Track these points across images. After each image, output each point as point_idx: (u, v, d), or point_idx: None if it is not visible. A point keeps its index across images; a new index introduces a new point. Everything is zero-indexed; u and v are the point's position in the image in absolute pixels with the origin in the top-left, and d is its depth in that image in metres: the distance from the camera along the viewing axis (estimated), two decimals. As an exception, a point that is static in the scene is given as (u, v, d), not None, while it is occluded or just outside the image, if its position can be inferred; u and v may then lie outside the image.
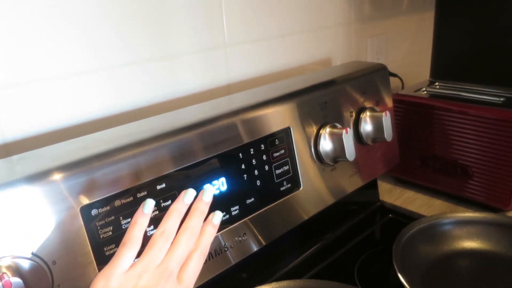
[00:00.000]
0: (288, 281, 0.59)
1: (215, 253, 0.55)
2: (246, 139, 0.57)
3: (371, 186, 0.89)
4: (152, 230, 0.49)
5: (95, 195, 0.44)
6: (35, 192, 0.41)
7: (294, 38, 0.84)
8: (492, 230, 0.71)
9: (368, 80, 0.75)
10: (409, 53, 1.11)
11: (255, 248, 0.59)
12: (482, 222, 0.72)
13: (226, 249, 0.56)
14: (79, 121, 0.59)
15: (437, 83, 0.94)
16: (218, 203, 0.54)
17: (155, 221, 0.49)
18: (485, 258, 0.69)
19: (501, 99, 0.81)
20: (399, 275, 0.59)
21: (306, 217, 0.65)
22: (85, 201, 0.43)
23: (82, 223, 0.43)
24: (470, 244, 0.71)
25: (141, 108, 0.65)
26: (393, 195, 0.91)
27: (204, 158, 0.53)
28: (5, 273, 0.36)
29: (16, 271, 0.38)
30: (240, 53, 0.75)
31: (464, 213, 0.73)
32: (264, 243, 0.60)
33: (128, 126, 0.55)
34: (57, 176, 0.42)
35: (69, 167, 0.43)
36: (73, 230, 0.43)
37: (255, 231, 0.59)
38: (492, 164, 0.78)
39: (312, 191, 0.66)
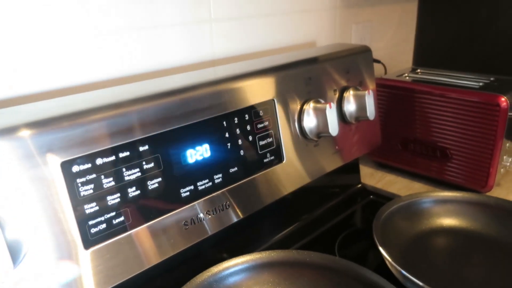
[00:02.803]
0: (269, 251, 0.59)
1: (192, 221, 0.54)
2: (230, 108, 0.57)
3: (353, 170, 0.90)
4: (134, 191, 0.48)
5: (77, 151, 0.44)
6: (18, 142, 0.40)
7: (280, 19, 0.84)
8: (470, 209, 0.72)
9: (352, 60, 0.76)
10: (392, 41, 1.13)
11: (234, 219, 0.59)
12: (460, 201, 0.73)
13: (203, 219, 0.55)
14: (60, 86, 0.58)
15: (419, 70, 0.96)
16: (201, 170, 0.54)
17: (137, 183, 0.48)
18: (462, 235, 0.70)
19: (480, 84, 0.83)
20: (380, 248, 0.60)
21: (287, 192, 0.66)
22: (66, 156, 0.43)
23: (62, 178, 0.42)
24: (449, 221, 0.72)
25: (120, 79, 0.64)
26: (374, 178, 0.92)
27: (188, 123, 0.53)
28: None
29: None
30: (225, 29, 0.75)
31: (443, 192, 0.75)
32: (243, 216, 0.60)
33: (114, 88, 0.54)
34: (42, 129, 0.41)
35: (47, 123, 0.42)
36: (53, 185, 0.42)
37: (236, 201, 0.59)
38: (470, 146, 0.80)
39: (295, 165, 0.66)
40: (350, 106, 0.73)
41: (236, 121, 0.58)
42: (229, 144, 0.57)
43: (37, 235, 0.41)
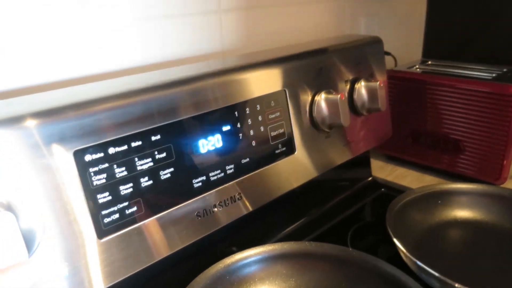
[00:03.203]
0: (282, 243, 0.58)
1: (204, 213, 0.54)
2: (241, 99, 0.57)
3: (364, 163, 0.89)
4: (147, 181, 0.48)
5: (89, 141, 0.43)
6: (30, 131, 0.40)
7: (289, 10, 0.83)
8: (484, 201, 0.71)
9: (364, 51, 0.75)
10: (402, 33, 1.12)
11: (245, 211, 0.59)
12: (473, 193, 0.72)
13: (215, 210, 0.55)
14: (69, 77, 0.58)
15: (429, 62, 0.94)
16: (214, 160, 0.54)
17: (149, 173, 0.48)
18: (476, 227, 0.69)
19: (493, 75, 0.82)
20: (394, 240, 0.59)
21: (297, 184, 0.65)
22: (79, 145, 0.42)
23: (75, 167, 0.42)
24: (462, 213, 0.71)
25: (128, 69, 0.64)
26: (385, 171, 0.91)
27: (199, 113, 0.52)
28: (-4, 207, 0.35)
29: (7, 208, 0.37)
30: (234, 20, 0.75)
31: (456, 184, 0.74)
32: (254, 208, 0.59)
33: (126, 78, 0.54)
34: (55, 117, 0.41)
35: (59, 112, 0.42)
36: (66, 175, 0.42)
37: (247, 193, 0.58)
38: (483, 138, 0.79)
39: (306, 157, 0.66)
40: (361, 97, 0.72)
41: (247, 112, 0.57)
42: (240, 134, 0.57)
43: (51, 225, 0.41)
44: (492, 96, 0.76)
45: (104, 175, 0.44)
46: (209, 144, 0.53)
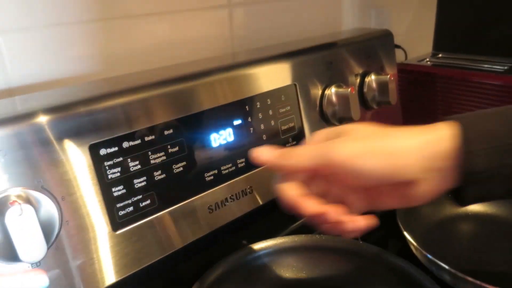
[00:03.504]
0: (293, 236, 0.59)
1: (216, 206, 0.55)
2: (252, 93, 0.57)
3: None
4: (160, 175, 0.48)
5: (103, 135, 0.44)
6: (44, 126, 0.40)
7: (299, 3, 0.83)
8: (495, 194, 0.71)
9: (374, 45, 0.75)
10: (412, 26, 1.11)
11: (256, 205, 0.59)
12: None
13: (227, 203, 0.55)
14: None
15: (440, 55, 0.94)
16: (225, 154, 0.54)
17: (162, 167, 0.49)
18: (487, 221, 0.69)
19: (505, 67, 0.81)
20: (405, 233, 0.59)
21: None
22: (94, 140, 0.43)
23: (90, 161, 0.43)
24: (473, 207, 0.71)
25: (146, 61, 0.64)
26: (395, 165, 0.91)
27: (211, 107, 0.53)
28: (15, 200, 0.36)
29: (27, 201, 0.37)
30: (244, 15, 0.75)
31: (467, 177, 0.73)
32: (265, 201, 0.60)
33: (137, 73, 0.55)
34: (69, 112, 0.42)
35: (83, 104, 0.43)
36: (81, 168, 0.42)
37: (258, 187, 0.59)
38: (494, 131, 0.78)
39: (317, 151, 0.66)
40: (371, 91, 0.72)
41: (258, 106, 0.57)
42: (251, 128, 0.57)
43: (67, 217, 0.42)
44: (505, 89, 0.75)
45: (119, 169, 0.45)
46: (221, 138, 0.54)
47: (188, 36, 0.68)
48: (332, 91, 0.66)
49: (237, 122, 0.55)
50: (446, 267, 0.52)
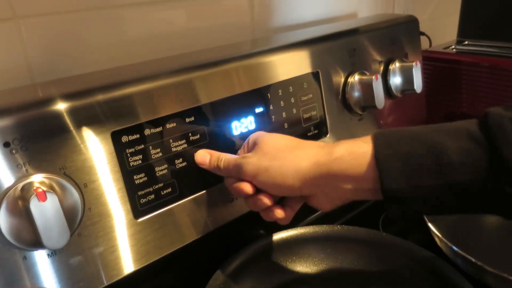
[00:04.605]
0: (314, 226, 0.58)
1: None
2: (273, 80, 0.56)
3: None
4: (181, 163, 0.48)
5: (126, 122, 0.43)
6: (68, 113, 0.40)
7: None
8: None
9: (398, 31, 0.73)
10: (436, 12, 1.08)
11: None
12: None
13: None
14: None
15: (466, 42, 0.91)
16: (246, 142, 0.54)
17: (183, 155, 0.48)
18: None
19: (534, 54, 0.79)
20: (429, 224, 0.58)
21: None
22: (116, 127, 0.43)
23: (113, 148, 0.42)
24: (499, 198, 0.69)
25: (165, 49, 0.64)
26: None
27: (232, 94, 0.52)
28: (39, 187, 0.36)
29: (50, 188, 0.37)
30: (266, 1, 0.73)
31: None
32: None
33: (153, 60, 0.54)
34: (89, 99, 0.41)
35: (105, 91, 0.42)
36: (104, 155, 0.42)
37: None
38: (522, 121, 0.76)
39: (339, 139, 0.65)
40: (396, 79, 0.70)
41: (280, 93, 0.56)
42: (273, 116, 0.56)
43: (90, 204, 0.41)
44: (534, 77, 0.73)
45: (140, 156, 0.45)
46: (242, 126, 0.53)
47: (209, 24, 0.67)
48: (355, 78, 0.64)
49: (258, 110, 0.54)
50: (472, 259, 0.51)
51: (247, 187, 0.45)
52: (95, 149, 0.42)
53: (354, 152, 0.41)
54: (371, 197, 0.41)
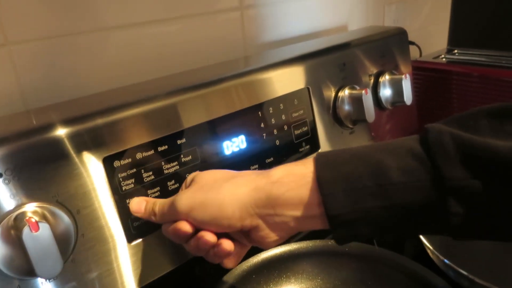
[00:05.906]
0: (307, 241, 0.58)
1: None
2: (264, 98, 0.56)
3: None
4: (173, 184, 0.48)
5: (117, 147, 0.44)
6: (59, 140, 0.41)
7: (311, 3, 0.82)
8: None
9: (387, 44, 0.74)
10: (426, 21, 1.09)
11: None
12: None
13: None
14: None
15: (456, 51, 0.92)
16: (238, 161, 0.54)
17: (176, 176, 0.49)
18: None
19: (523, 63, 0.80)
20: (421, 237, 0.59)
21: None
22: (108, 152, 0.43)
23: (105, 173, 0.43)
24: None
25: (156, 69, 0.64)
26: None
27: (223, 114, 0.52)
28: (31, 217, 0.36)
29: (42, 217, 0.38)
30: (256, 16, 0.74)
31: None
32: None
33: (143, 83, 0.55)
34: (83, 125, 0.42)
35: (96, 116, 0.43)
36: (96, 181, 0.43)
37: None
38: (513, 129, 0.77)
39: (331, 154, 0.65)
40: (386, 91, 0.71)
41: (271, 111, 0.57)
42: (264, 134, 0.57)
43: (83, 230, 0.42)
44: (523, 87, 0.74)
45: (132, 180, 0.45)
46: (234, 145, 0.53)
47: (202, 40, 0.68)
48: (345, 93, 0.65)
49: (249, 128, 0.55)
50: (464, 272, 0.52)
51: (184, 226, 0.40)
52: (88, 175, 0.42)
53: (293, 174, 0.38)
54: (315, 225, 0.39)
